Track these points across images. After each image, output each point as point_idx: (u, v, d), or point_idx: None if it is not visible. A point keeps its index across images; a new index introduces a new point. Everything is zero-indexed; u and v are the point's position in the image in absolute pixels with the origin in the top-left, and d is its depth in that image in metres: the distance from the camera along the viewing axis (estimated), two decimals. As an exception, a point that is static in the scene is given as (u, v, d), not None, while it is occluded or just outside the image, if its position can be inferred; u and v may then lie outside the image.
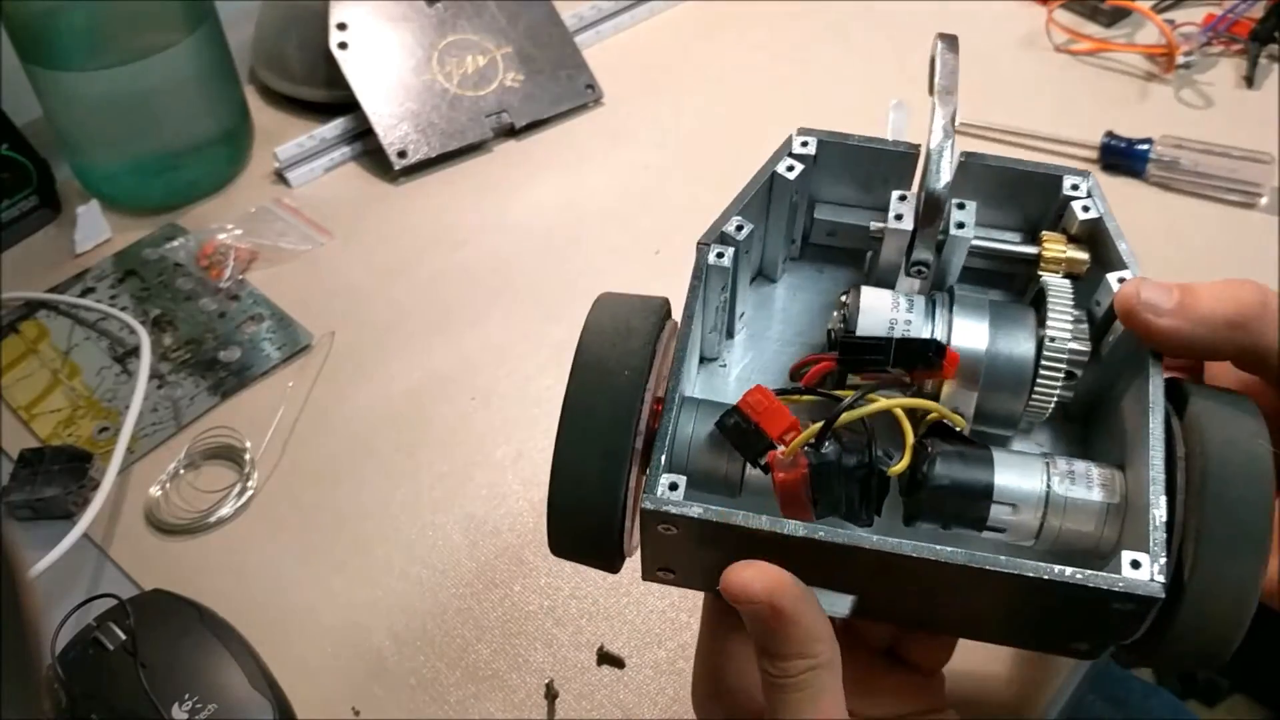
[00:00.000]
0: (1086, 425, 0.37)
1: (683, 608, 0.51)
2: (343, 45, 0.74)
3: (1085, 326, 0.34)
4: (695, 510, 0.31)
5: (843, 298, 0.36)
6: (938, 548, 0.29)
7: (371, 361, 0.63)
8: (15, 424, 0.60)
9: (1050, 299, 0.34)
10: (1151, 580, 0.29)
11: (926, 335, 0.34)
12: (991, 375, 0.33)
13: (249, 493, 0.56)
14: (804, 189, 0.39)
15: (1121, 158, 0.70)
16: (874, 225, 0.36)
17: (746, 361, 0.39)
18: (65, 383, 0.62)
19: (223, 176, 0.74)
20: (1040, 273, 0.36)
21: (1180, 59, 0.78)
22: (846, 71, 0.81)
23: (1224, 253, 0.65)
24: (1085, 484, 0.32)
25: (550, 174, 0.74)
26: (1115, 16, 0.83)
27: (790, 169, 0.37)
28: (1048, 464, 0.32)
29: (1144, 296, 0.33)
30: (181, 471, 0.57)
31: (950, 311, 0.34)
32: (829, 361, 0.34)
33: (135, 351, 0.62)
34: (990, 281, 0.39)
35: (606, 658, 0.49)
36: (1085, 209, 0.36)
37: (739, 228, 0.36)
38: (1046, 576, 0.29)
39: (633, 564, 0.53)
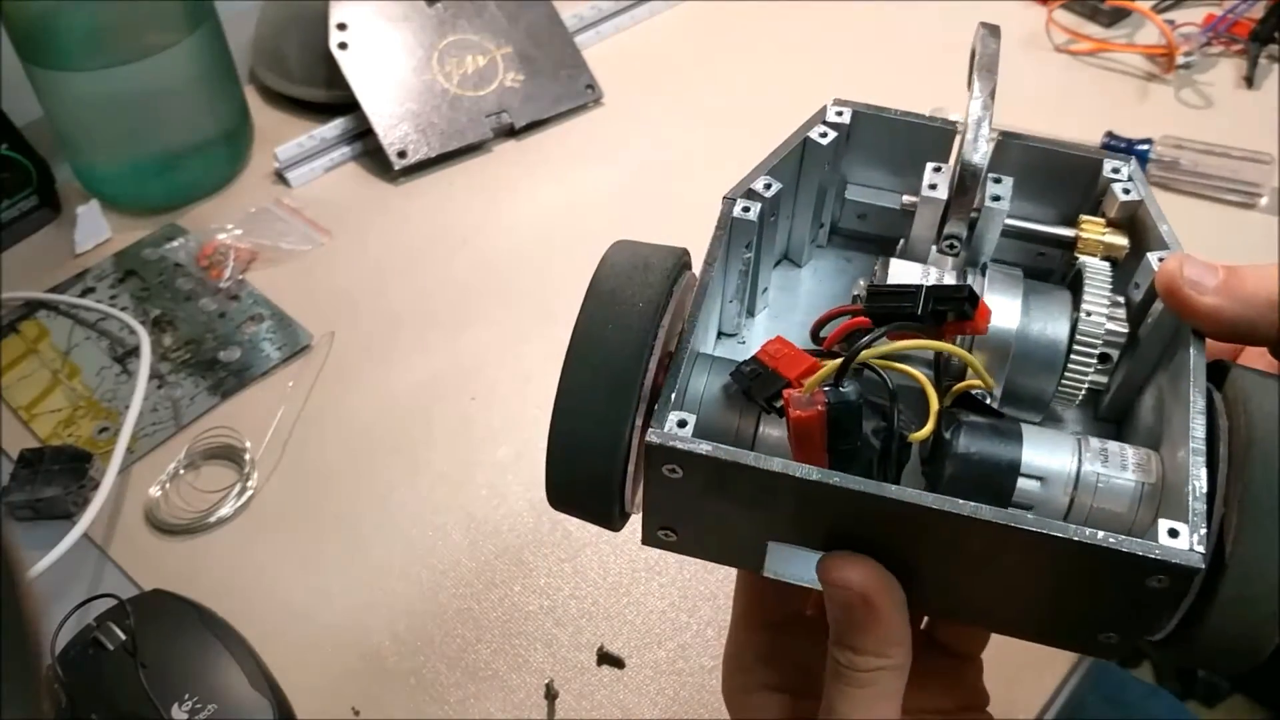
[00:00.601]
0: (1120, 425, 0.35)
1: (683, 608, 0.51)
2: (343, 45, 0.74)
3: (1122, 310, 0.33)
4: (704, 447, 0.29)
5: (875, 269, 0.35)
6: (962, 502, 0.27)
7: (371, 361, 0.63)
8: (15, 424, 0.60)
9: (1088, 278, 0.33)
10: (1191, 550, 0.27)
11: None
12: (1023, 352, 0.32)
13: (249, 493, 0.56)
14: (835, 165, 0.38)
15: (1121, 158, 0.70)
16: (906, 199, 0.35)
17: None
18: (65, 383, 0.62)
19: (223, 177, 0.74)
20: (1078, 254, 0.35)
21: (1180, 59, 0.78)
22: (847, 71, 0.81)
23: (1224, 253, 0.65)
24: (1119, 463, 0.30)
25: (550, 174, 0.74)
26: (1115, 17, 0.83)
27: (824, 135, 0.36)
28: (1080, 441, 0.31)
29: (1187, 273, 0.32)
30: (181, 471, 0.57)
31: (983, 283, 0.33)
32: (855, 318, 0.31)
33: (135, 351, 0.62)
34: (1025, 271, 0.37)
35: (606, 658, 0.49)
36: (1126, 191, 0.35)
37: (767, 186, 0.35)
38: (1077, 538, 0.27)
39: (632, 550, 0.53)
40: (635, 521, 0.34)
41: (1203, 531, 0.27)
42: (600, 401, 0.30)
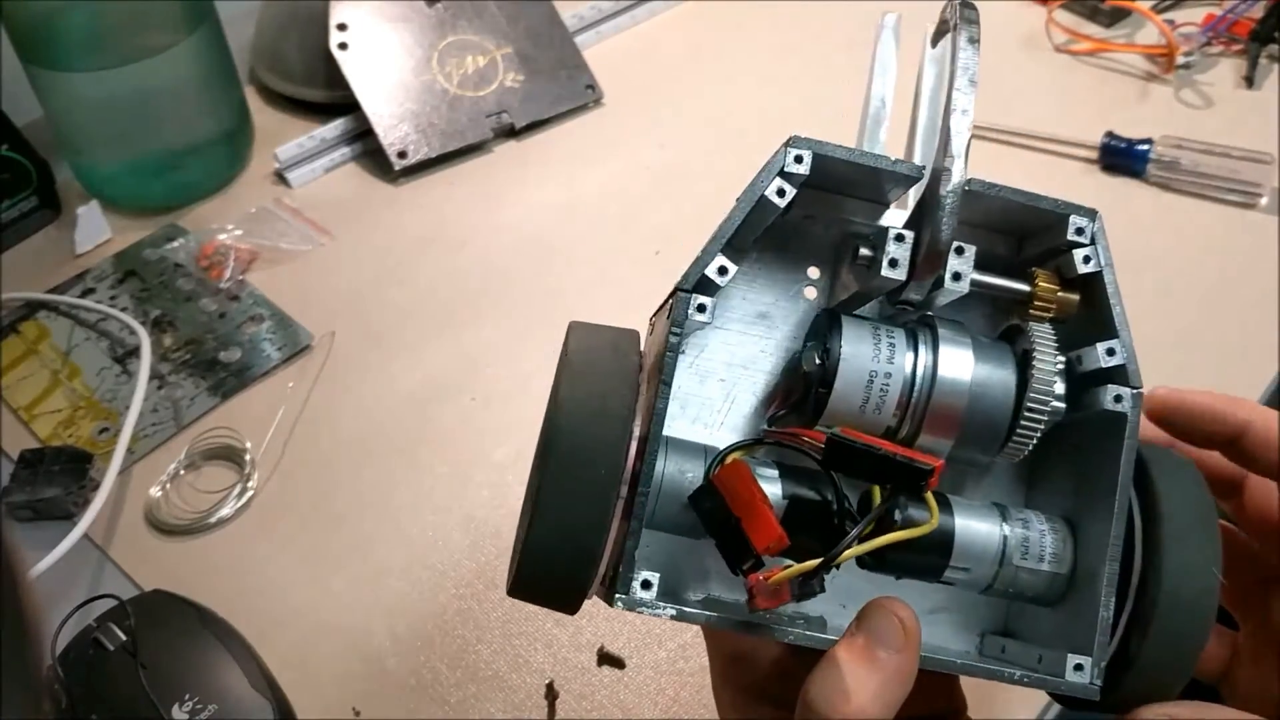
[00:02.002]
0: (1032, 478, 0.37)
1: (683, 608, 0.51)
2: (343, 46, 0.74)
3: (1062, 378, 0.34)
4: (670, 612, 0.31)
5: (817, 345, 0.34)
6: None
7: (372, 362, 0.63)
8: (15, 424, 0.60)
9: (1037, 348, 0.33)
10: (1090, 684, 0.31)
11: (905, 379, 0.32)
12: (970, 429, 0.33)
13: (249, 493, 0.56)
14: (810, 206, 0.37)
15: (1121, 158, 0.70)
16: (863, 252, 0.33)
17: (729, 355, 0.37)
18: (65, 383, 0.62)
19: (223, 177, 0.74)
20: (1029, 315, 0.34)
21: (1180, 59, 0.78)
22: (847, 71, 0.81)
23: (1224, 253, 0.65)
24: (1038, 556, 0.33)
25: (550, 174, 0.74)
26: (1115, 17, 0.83)
27: (780, 193, 0.32)
28: (1005, 530, 0.33)
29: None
30: (182, 472, 0.57)
31: (935, 354, 0.33)
32: (810, 435, 0.31)
33: (135, 352, 0.62)
34: (964, 304, 0.36)
35: (607, 658, 0.49)
36: (1086, 259, 0.34)
37: (722, 270, 0.32)
38: (992, 679, 0.31)
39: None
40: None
41: (1103, 665, 0.31)
42: (582, 508, 0.30)
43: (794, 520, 0.31)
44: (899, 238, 0.32)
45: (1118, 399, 0.33)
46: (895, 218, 0.36)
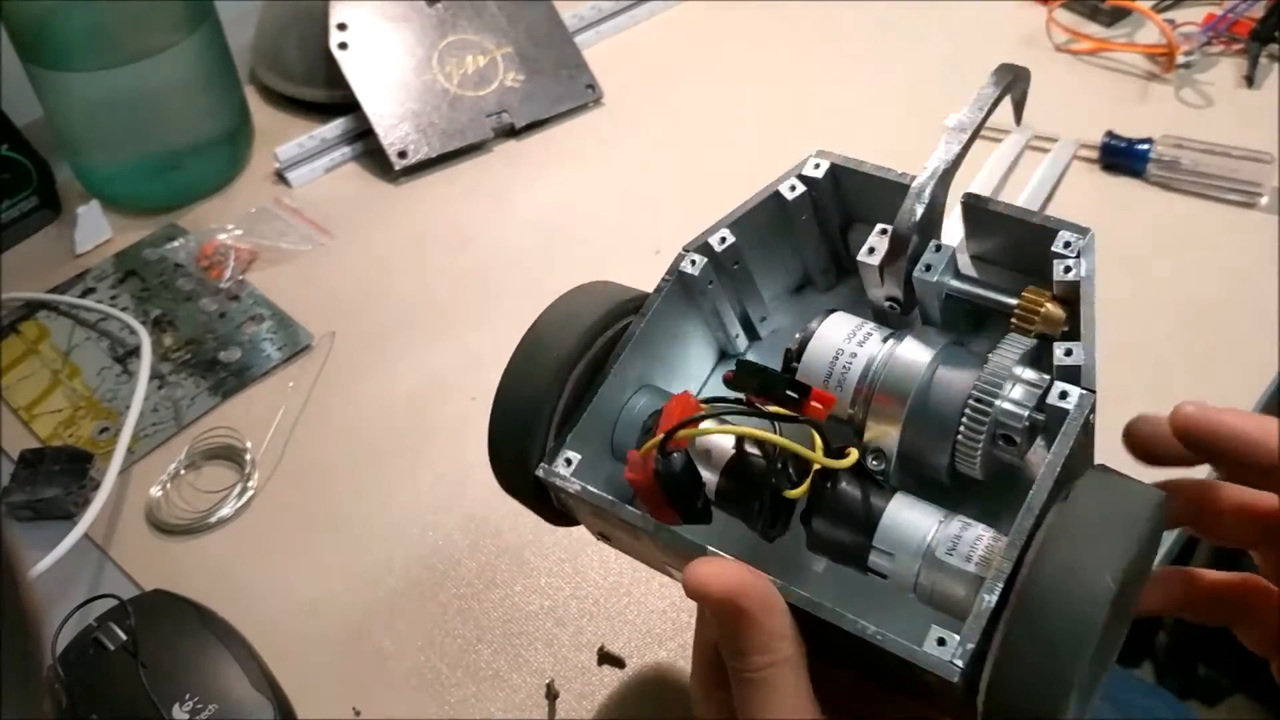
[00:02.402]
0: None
1: (683, 608, 0.51)
2: (343, 45, 0.74)
3: (1035, 391, 0.33)
4: (574, 486, 0.34)
5: (810, 324, 0.36)
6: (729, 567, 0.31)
7: (372, 362, 0.63)
8: (16, 424, 0.60)
9: (999, 350, 0.33)
10: (951, 661, 0.29)
11: (867, 361, 0.34)
12: (915, 414, 0.33)
13: (249, 493, 0.56)
14: (830, 207, 0.39)
15: (1122, 158, 0.70)
16: (860, 257, 0.36)
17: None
18: (66, 383, 0.62)
19: (223, 177, 0.74)
20: (1012, 326, 0.34)
21: (1180, 59, 0.78)
22: (847, 71, 0.81)
23: (1224, 253, 0.65)
24: (965, 555, 0.31)
25: (550, 174, 0.74)
26: (1115, 16, 0.83)
27: (792, 189, 0.38)
28: (940, 524, 0.32)
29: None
30: (182, 472, 0.57)
31: (898, 345, 0.34)
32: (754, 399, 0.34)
33: (136, 352, 0.62)
34: (981, 326, 0.38)
35: (607, 658, 0.49)
36: (1067, 269, 0.34)
37: (722, 240, 0.38)
38: (849, 629, 0.30)
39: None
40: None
41: (970, 646, 0.29)
42: (528, 390, 0.37)
43: (736, 470, 0.34)
44: (882, 230, 0.36)
45: (1064, 395, 0.32)
46: None
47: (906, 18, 0.85)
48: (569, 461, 0.35)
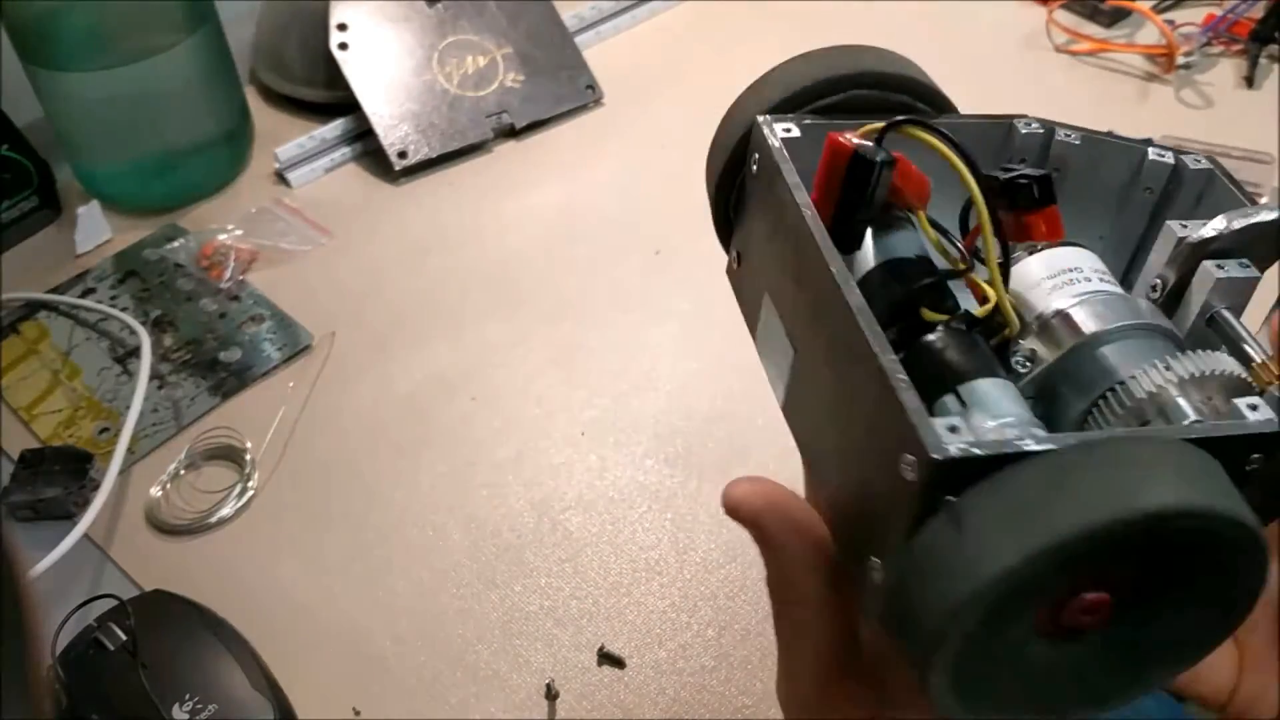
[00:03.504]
0: None
1: (683, 608, 0.51)
2: (343, 46, 0.74)
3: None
4: (776, 142, 0.32)
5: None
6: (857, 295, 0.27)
7: (372, 362, 0.63)
8: (16, 424, 0.60)
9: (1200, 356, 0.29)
10: (945, 446, 0.23)
11: (1087, 290, 0.31)
12: (1080, 354, 0.29)
13: (249, 493, 0.56)
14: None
15: (1122, 158, 0.70)
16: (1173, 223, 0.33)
17: None
18: (66, 383, 0.62)
19: (223, 177, 0.74)
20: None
21: (1180, 59, 0.78)
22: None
23: (1224, 253, 0.65)
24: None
25: (550, 174, 0.74)
26: (1115, 17, 0.83)
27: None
28: (1021, 415, 0.28)
29: None
30: (182, 472, 0.57)
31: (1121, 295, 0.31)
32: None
33: (136, 352, 0.62)
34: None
35: (607, 658, 0.49)
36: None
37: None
38: (869, 344, 0.25)
39: (633, 550, 0.53)
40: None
41: (976, 451, 0.23)
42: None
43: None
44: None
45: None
46: None
47: (906, 18, 0.85)
48: (789, 130, 0.33)
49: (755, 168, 0.34)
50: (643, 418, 0.59)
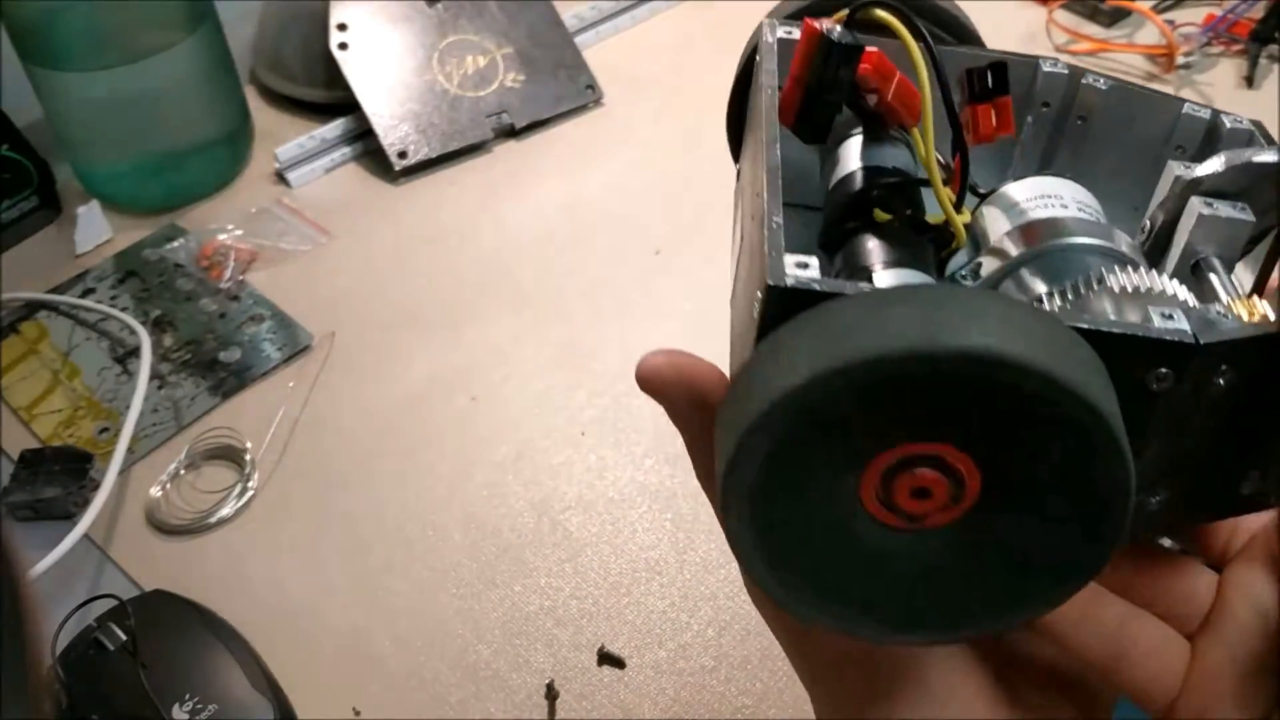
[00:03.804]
0: None
1: (683, 608, 0.51)
2: (343, 46, 0.74)
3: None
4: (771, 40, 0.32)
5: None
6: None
7: (372, 362, 0.63)
8: (16, 424, 0.60)
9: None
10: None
11: (1057, 214, 0.30)
12: (1027, 261, 0.29)
13: (249, 493, 0.56)
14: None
15: (1122, 158, 0.70)
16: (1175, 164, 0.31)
17: None
18: (66, 383, 0.62)
19: (223, 177, 0.74)
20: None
21: (1180, 59, 0.78)
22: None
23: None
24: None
25: (550, 174, 0.74)
26: (1115, 17, 0.83)
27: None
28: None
29: None
30: (182, 472, 0.57)
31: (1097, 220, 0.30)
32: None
33: (136, 352, 0.62)
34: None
35: (607, 658, 0.49)
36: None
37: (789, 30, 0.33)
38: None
39: (632, 550, 0.53)
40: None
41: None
42: None
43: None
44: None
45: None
46: None
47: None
48: (790, 32, 0.32)
49: (754, 70, 0.33)
50: (643, 418, 0.59)
